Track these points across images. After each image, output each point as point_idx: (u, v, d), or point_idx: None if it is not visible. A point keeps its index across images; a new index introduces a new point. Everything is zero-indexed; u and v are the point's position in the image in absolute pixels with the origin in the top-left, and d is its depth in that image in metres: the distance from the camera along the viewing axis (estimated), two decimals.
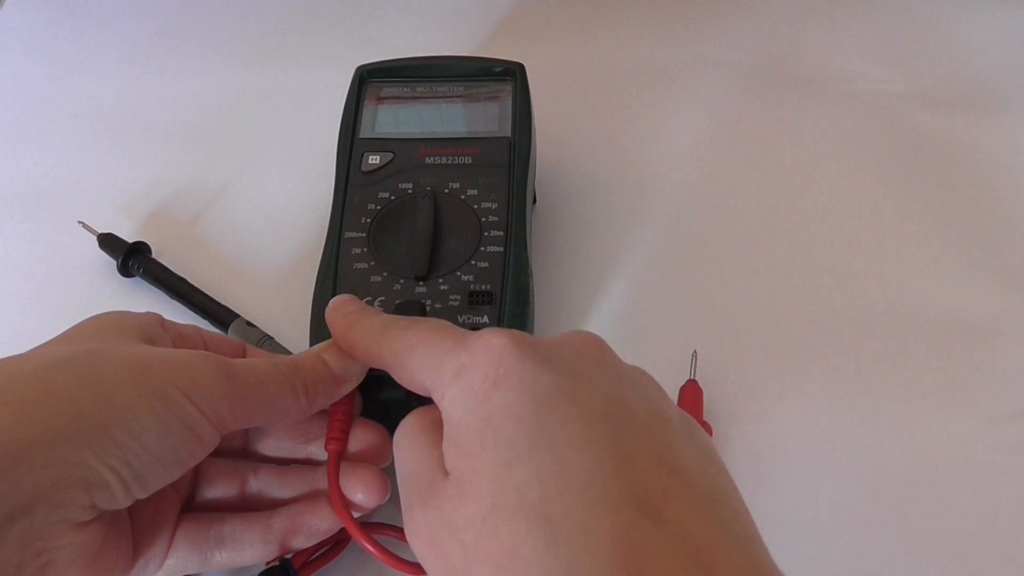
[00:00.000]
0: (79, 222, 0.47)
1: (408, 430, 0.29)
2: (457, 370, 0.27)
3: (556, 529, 0.24)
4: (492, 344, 0.27)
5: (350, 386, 0.34)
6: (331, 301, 0.34)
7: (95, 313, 0.34)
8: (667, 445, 0.26)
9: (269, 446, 0.36)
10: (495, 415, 0.26)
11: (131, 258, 0.46)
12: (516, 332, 0.28)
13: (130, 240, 0.46)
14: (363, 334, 0.32)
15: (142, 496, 0.29)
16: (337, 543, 0.36)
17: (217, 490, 0.35)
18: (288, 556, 0.35)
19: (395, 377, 0.31)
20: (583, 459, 0.25)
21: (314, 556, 0.36)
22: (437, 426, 0.28)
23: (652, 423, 0.26)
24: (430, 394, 0.29)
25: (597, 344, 0.29)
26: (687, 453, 0.26)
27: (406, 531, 0.27)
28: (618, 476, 0.24)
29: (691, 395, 0.40)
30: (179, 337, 0.34)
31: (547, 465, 0.25)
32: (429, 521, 0.26)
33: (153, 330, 0.33)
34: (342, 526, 0.34)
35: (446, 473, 0.26)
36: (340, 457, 0.34)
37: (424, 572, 0.32)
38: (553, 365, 0.27)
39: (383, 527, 0.36)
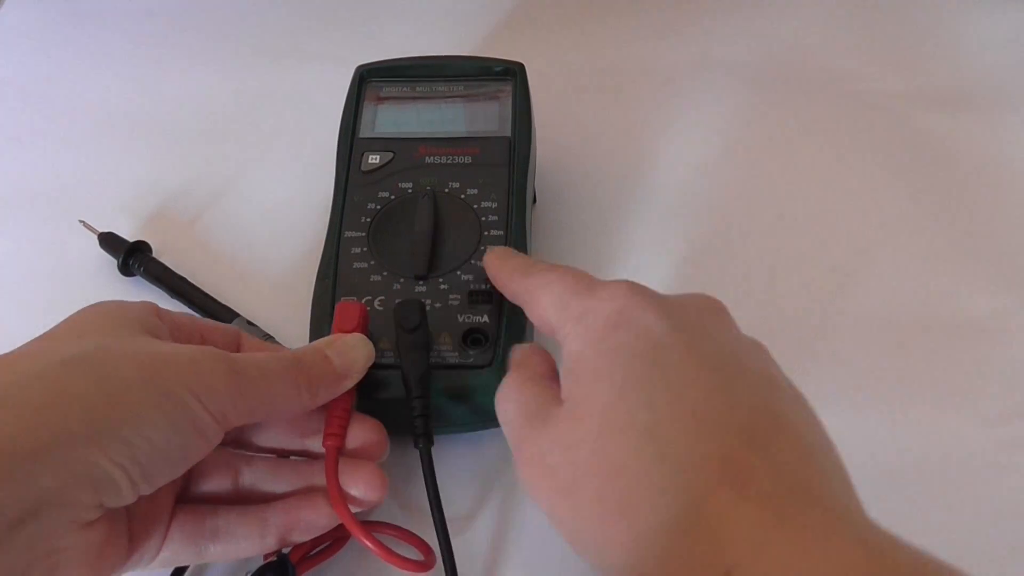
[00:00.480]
0: (80, 221, 0.47)
1: (515, 380, 0.31)
2: (581, 312, 0.30)
3: (664, 447, 0.25)
4: (617, 291, 0.29)
5: (351, 382, 0.34)
6: (490, 250, 0.37)
7: None
8: (776, 399, 0.27)
9: (264, 438, 0.36)
10: (613, 350, 0.28)
11: (132, 257, 0.46)
12: (641, 285, 0.30)
13: (131, 239, 0.46)
14: (510, 271, 0.35)
15: (147, 493, 0.29)
16: (336, 539, 0.36)
17: (211, 482, 0.35)
18: (286, 551, 0.34)
19: (528, 313, 0.34)
20: (693, 393, 0.26)
21: (313, 552, 0.36)
22: (539, 377, 0.31)
23: (762, 381, 0.28)
24: (554, 332, 0.31)
25: (718, 308, 0.31)
26: (794, 411, 0.27)
27: (518, 466, 0.29)
28: (726, 412, 0.26)
29: None
30: (176, 327, 0.34)
31: (659, 395, 0.26)
32: (541, 445, 0.28)
33: (151, 321, 0.33)
34: (340, 522, 0.34)
35: (560, 400, 0.29)
36: (339, 453, 0.34)
37: (424, 568, 0.32)
38: (673, 316, 0.28)
39: (383, 525, 0.36)
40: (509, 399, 0.31)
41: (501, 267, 0.36)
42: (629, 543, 0.25)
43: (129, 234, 0.47)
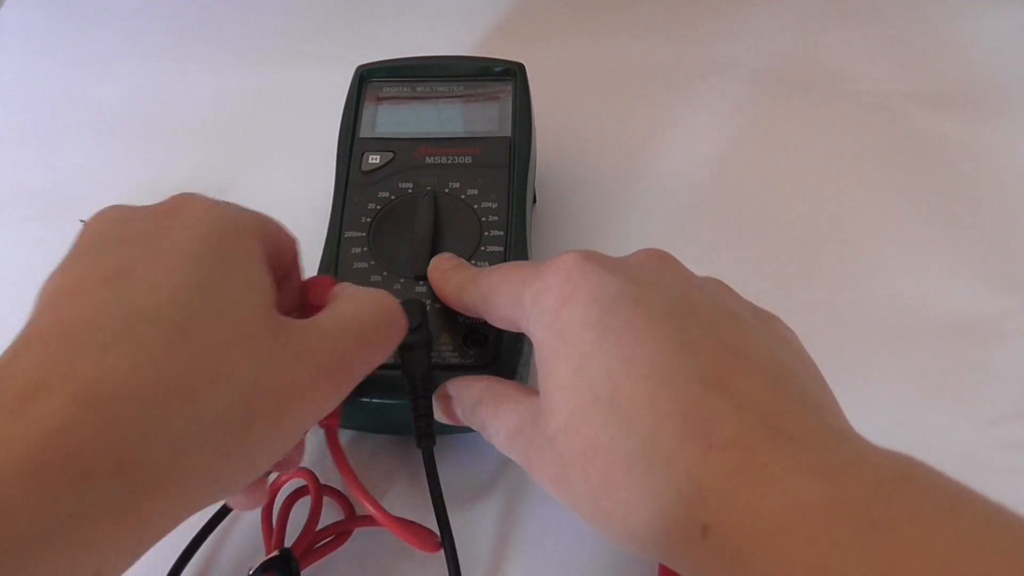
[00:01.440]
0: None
1: (486, 409, 0.32)
2: (534, 297, 0.29)
3: (628, 415, 0.25)
4: (561, 265, 0.29)
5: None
6: (432, 259, 0.37)
7: None
8: (733, 333, 0.27)
9: None
10: (565, 328, 0.28)
11: None
12: (587, 250, 0.29)
13: None
14: (456, 287, 0.34)
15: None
16: (339, 534, 0.36)
17: None
18: (288, 546, 0.35)
19: (488, 320, 0.33)
20: (646, 350, 0.26)
21: (317, 545, 0.36)
22: (499, 391, 0.31)
23: (717, 315, 0.28)
24: (519, 327, 0.31)
25: (664, 257, 0.31)
26: (757, 340, 0.27)
27: (533, 477, 0.29)
28: (681, 359, 0.26)
29: None
30: (284, 278, 0.33)
31: (614, 361, 0.26)
32: (538, 446, 0.28)
33: (271, 262, 0.31)
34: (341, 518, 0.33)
35: (537, 398, 0.29)
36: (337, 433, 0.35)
37: (433, 547, 0.33)
38: (619, 274, 0.28)
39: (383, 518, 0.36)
40: (495, 430, 0.31)
41: (445, 286, 0.35)
42: (620, 517, 0.26)
43: None
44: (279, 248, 0.32)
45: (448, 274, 0.36)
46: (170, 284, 0.26)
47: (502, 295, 0.31)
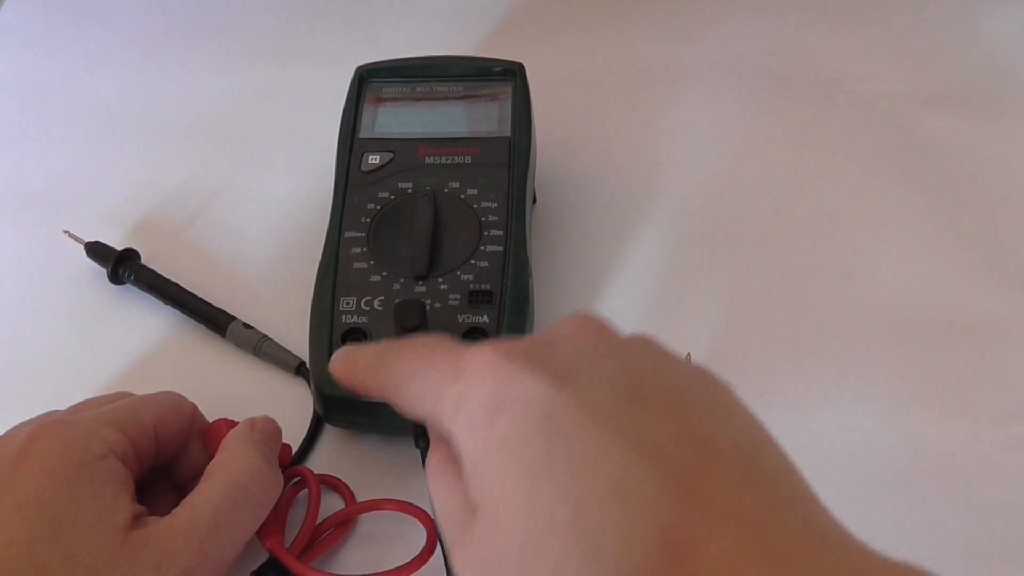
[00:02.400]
0: (65, 232, 0.46)
1: (433, 467, 0.28)
2: (456, 401, 0.26)
3: (597, 539, 0.22)
4: (484, 366, 0.26)
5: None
6: (331, 358, 0.32)
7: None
8: (688, 418, 0.24)
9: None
10: (504, 442, 0.25)
11: (121, 265, 0.45)
12: (506, 345, 0.26)
13: (123, 245, 0.46)
14: (363, 370, 0.30)
15: None
16: (339, 524, 0.37)
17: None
18: (275, 557, 0.35)
19: (399, 410, 0.29)
20: (605, 463, 0.23)
21: (318, 539, 0.36)
22: (455, 457, 0.27)
23: (668, 398, 0.25)
24: (435, 424, 0.28)
25: (591, 327, 0.28)
26: (711, 421, 0.25)
27: (455, 571, 0.26)
28: (646, 468, 0.23)
29: None
30: (133, 445, 0.34)
31: (570, 479, 0.23)
32: (470, 562, 0.25)
33: (118, 462, 0.33)
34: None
35: (473, 509, 0.25)
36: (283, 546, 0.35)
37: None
38: (551, 371, 0.25)
39: (385, 501, 0.37)
40: (430, 485, 0.28)
41: (352, 372, 0.31)
42: None
43: (126, 234, 0.47)
44: (166, 427, 0.35)
45: (350, 358, 0.31)
46: (25, 539, 0.29)
47: (416, 389, 0.28)
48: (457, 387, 0.26)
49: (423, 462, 0.34)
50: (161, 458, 0.35)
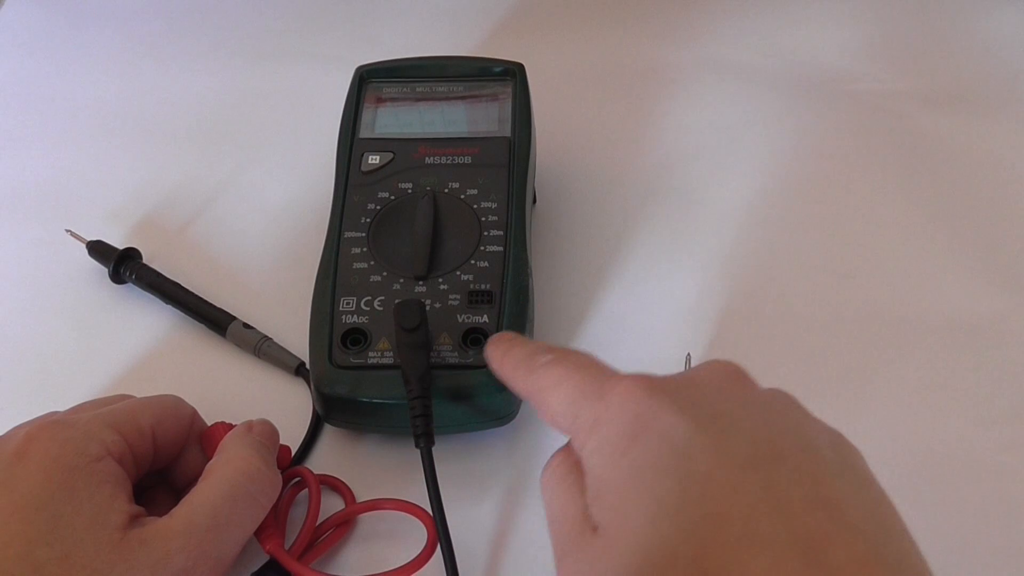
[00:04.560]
0: (67, 231, 0.46)
1: (553, 474, 0.29)
2: (593, 422, 0.27)
3: None
4: (628, 393, 0.27)
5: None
6: (490, 340, 0.34)
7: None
8: (822, 483, 0.24)
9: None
10: (636, 469, 0.25)
11: (122, 264, 0.45)
12: (653, 378, 0.27)
13: (125, 244, 0.46)
14: (513, 367, 0.32)
15: None
16: (339, 524, 0.37)
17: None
18: (274, 557, 0.35)
19: (537, 413, 0.30)
20: (737, 510, 0.23)
21: (319, 539, 0.36)
22: (580, 469, 0.28)
23: (803, 460, 0.25)
24: (568, 435, 0.29)
25: (735, 377, 0.29)
26: (843, 487, 0.25)
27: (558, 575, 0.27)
28: (776, 523, 0.23)
29: None
30: (130, 446, 0.34)
31: (698, 519, 0.24)
32: (580, 567, 0.26)
33: (115, 463, 0.33)
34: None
35: (593, 526, 0.26)
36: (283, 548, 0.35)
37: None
38: (692, 412, 0.26)
39: (386, 500, 0.37)
40: (547, 491, 0.29)
41: (503, 362, 0.33)
42: None
43: (128, 233, 0.47)
44: (165, 430, 0.35)
45: (507, 346, 0.33)
46: (22, 540, 0.29)
47: (558, 399, 0.29)
48: (597, 410, 0.27)
49: (423, 462, 0.35)
50: (159, 461, 0.35)
